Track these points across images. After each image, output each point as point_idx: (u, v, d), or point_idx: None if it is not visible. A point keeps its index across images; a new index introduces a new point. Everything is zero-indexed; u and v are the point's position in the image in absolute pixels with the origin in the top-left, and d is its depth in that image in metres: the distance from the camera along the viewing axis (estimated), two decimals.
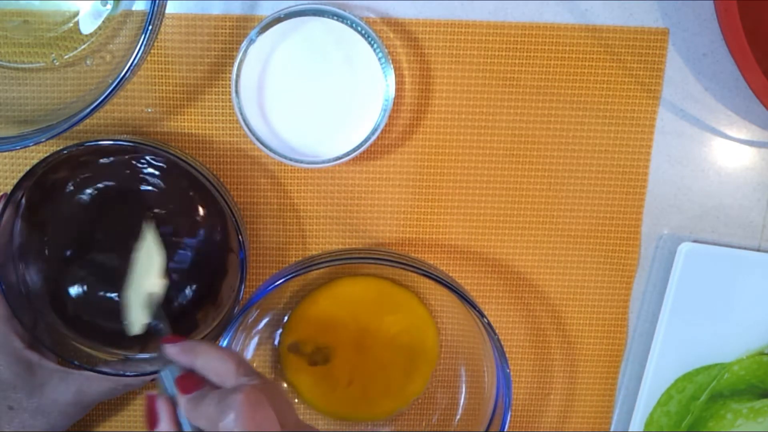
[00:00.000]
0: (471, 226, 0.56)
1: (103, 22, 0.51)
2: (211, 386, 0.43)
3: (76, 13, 0.51)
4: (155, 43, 0.52)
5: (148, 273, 0.49)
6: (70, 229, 0.52)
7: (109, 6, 0.51)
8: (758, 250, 0.57)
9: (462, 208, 0.56)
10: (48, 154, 0.48)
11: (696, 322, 0.56)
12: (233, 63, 0.49)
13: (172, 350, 0.45)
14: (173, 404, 0.44)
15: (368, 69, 0.50)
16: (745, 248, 0.56)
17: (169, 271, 0.50)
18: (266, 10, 0.52)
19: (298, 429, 0.44)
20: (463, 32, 0.53)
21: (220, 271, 0.53)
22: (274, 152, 0.50)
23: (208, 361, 0.44)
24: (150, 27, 0.45)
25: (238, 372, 0.43)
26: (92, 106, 0.45)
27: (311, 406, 0.57)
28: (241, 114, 0.50)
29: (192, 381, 0.43)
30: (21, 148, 0.48)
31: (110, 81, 0.45)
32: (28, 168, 0.48)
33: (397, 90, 0.53)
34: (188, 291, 0.53)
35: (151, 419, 0.44)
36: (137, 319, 0.48)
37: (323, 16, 0.49)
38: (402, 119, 0.54)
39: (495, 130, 0.55)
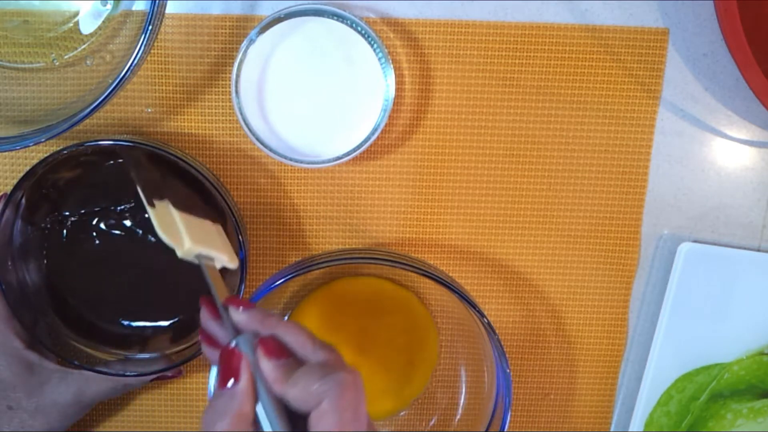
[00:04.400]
0: (471, 226, 0.56)
1: (103, 22, 0.51)
2: (295, 358, 0.40)
3: (76, 13, 0.51)
4: (155, 43, 0.52)
5: (229, 251, 0.47)
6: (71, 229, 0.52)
7: (109, 6, 0.51)
8: (758, 250, 0.57)
9: (462, 208, 0.56)
10: (48, 154, 0.48)
11: (696, 322, 0.56)
12: (233, 63, 0.49)
13: (240, 317, 0.41)
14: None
15: (368, 69, 0.50)
16: (745, 248, 0.56)
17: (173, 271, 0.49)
18: (266, 10, 0.52)
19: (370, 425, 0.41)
20: (463, 32, 0.53)
21: (220, 271, 0.53)
22: (274, 152, 0.50)
23: (284, 332, 0.40)
24: (150, 27, 0.45)
25: (315, 344, 0.40)
26: (92, 106, 0.45)
27: None
28: (241, 114, 0.50)
29: (277, 346, 0.39)
30: (21, 148, 0.48)
31: (110, 81, 0.45)
32: (28, 168, 0.48)
33: (397, 90, 0.53)
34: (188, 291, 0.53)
35: (228, 374, 0.39)
36: (187, 250, 0.45)
37: (323, 16, 0.49)
38: (402, 119, 0.54)
39: (495, 130, 0.55)
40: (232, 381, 0.39)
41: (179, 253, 0.45)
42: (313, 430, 0.38)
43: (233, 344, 0.40)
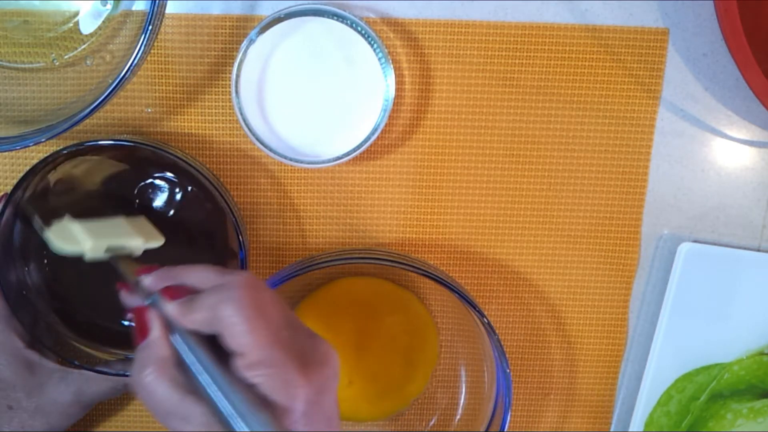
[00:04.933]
0: (471, 226, 0.56)
1: (103, 22, 0.51)
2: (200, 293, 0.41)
3: (76, 13, 0.51)
4: (155, 43, 0.52)
5: (137, 233, 0.48)
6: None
7: (109, 6, 0.51)
8: (758, 250, 0.57)
9: (462, 208, 0.56)
10: (48, 154, 0.48)
11: (696, 322, 0.56)
12: (233, 63, 0.49)
13: (149, 280, 0.42)
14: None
15: (368, 69, 0.50)
16: (745, 248, 0.56)
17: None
18: (266, 10, 0.52)
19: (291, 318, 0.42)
20: (463, 32, 0.53)
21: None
22: (274, 152, 0.50)
23: (188, 276, 0.42)
24: (150, 27, 0.45)
25: (218, 275, 0.41)
26: (92, 106, 0.45)
27: None
28: (241, 114, 0.50)
29: (177, 288, 0.41)
30: (21, 148, 0.48)
31: (110, 81, 0.45)
32: (28, 168, 0.48)
33: (397, 90, 0.53)
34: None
35: (141, 330, 0.41)
36: (83, 243, 0.45)
37: (323, 16, 0.49)
38: (402, 119, 0.54)
39: (495, 130, 0.55)
40: (147, 332, 0.41)
41: (87, 256, 0.46)
42: (229, 345, 0.38)
43: (144, 304, 0.42)
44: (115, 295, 0.53)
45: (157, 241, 0.49)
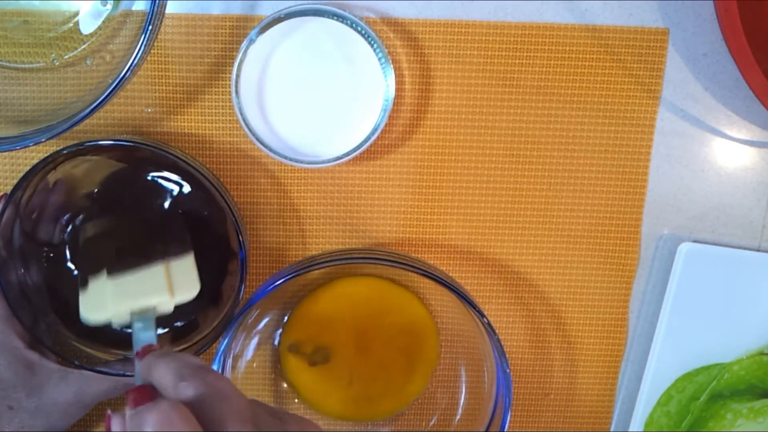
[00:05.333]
0: (471, 226, 0.56)
1: (103, 22, 0.51)
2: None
3: (76, 13, 0.51)
4: (155, 43, 0.52)
5: (172, 289, 0.47)
6: (70, 229, 0.52)
7: (109, 6, 0.51)
8: (758, 250, 0.57)
9: (462, 208, 0.56)
10: (48, 154, 0.48)
11: (696, 322, 0.56)
12: (233, 63, 0.49)
13: (138, 365, 0.42)
14: None
15: (368, 69, 0.50)
16: (745, 248, 0.56)
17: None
18: (266, 10, 0.52)
19: (258, 428, 0.39)
20: (463, 32, 0.53)
21: (221, 271, 0.53)
22: (274, 152, 0.50)
23: (158, 372, 0.40)
24: (150, 27, 0.45)
25: (175, 379, 0.38)
26: (92, 106, 0.45)
27: (311, 406, 0.57)
28: (241, 114, 0.50)
29: (140, 394, 0.39)
30: (21, 148, 0.48)
31: (110, 81, 0.45)
32: (28, 168, 0.48)
33: (397, 90, 0.53)
34: None
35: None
36: (106, 312, 0.46)
37: (323, 16, 0.49)
38: (402, 119, 0.54)
39: (495, 130, 0.55)
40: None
41: (113, 323, 0.46)
42: None
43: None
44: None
45: (190, 293, 0.47)
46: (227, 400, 0.38)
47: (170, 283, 0.47)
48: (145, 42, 0.44)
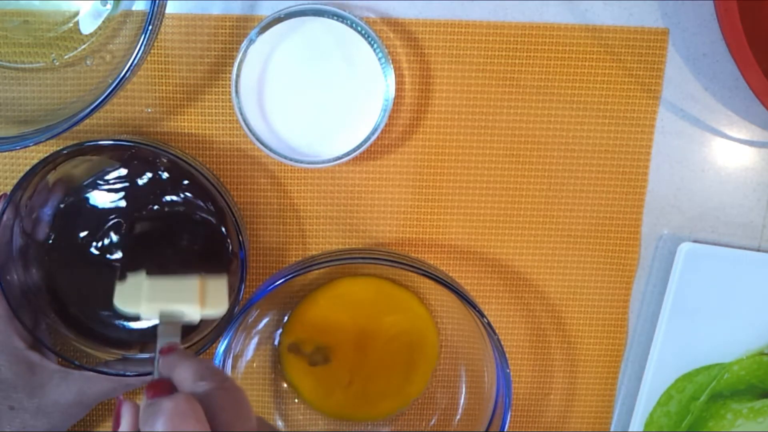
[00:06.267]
0: (471, 226, 0.56)
1: (103, 22, 0.51)
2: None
3: (76, 13, 0.51)
4: (155, 43, 0.52)
5: (203, 302, 0.48)
6: (71, 229, 0.52)
7: (109, 6, 0.51)
8: (758, 250, 0.57)
9: (462, 208, 0.56)
10: (48, 154, 0.48)
11: (696, 322, 0.56)
12: (233, 63, 0.49)
13: (160, 361, 0.43)
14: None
15: (368, 69, 0.50)
16: (745, 248, 0.56)
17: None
18: (266, 10, 0.52)
19: None
20: (463, 32, 0.53)
21: (221, 271, 0.53)
22: (274, 152, 0.50)
23: (180, 369, 0.42)
24: (150, 27, 0.45)
25: (195, 377, 0.41)
26: (92, 106, 0.45)
27: (311, 406, 0.57)
28: (241, 114, 0.50)
29: (159, 387, 0.41)
30: (21, 148, 0.48)
31: (110, 81, 0.45)
32: (28, 168, 0.48)
33: (397, 90, 0.53)
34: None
35: (115, 421, 0.42)
36: (139, 306, 0.47)
37: (323, 16, 0.49)
38: (402, 119, 0.54)
39: (495, 130, 0.55)
40: (117, 425, 0.41)
41: (142, 317, 0.47)
42: None
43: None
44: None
45: (219, 310, 0.49)
46: (239, 407, 0.40)
47: (202, 297, 0.48)
48: (145, 42, 0.44)
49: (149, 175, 0.52)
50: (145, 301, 0.48)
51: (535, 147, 0.55)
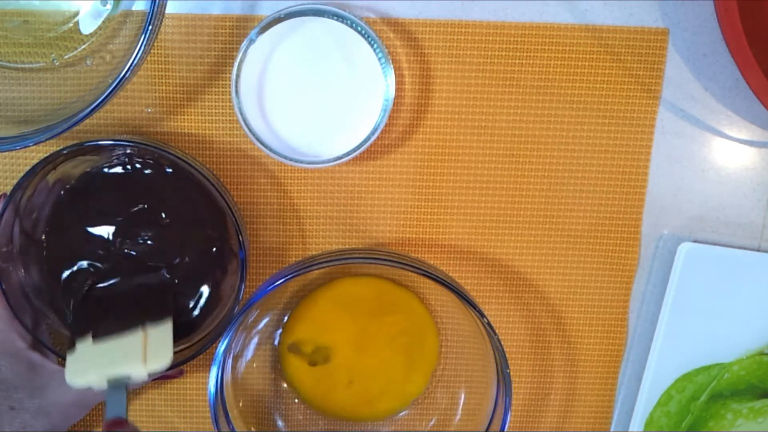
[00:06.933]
0: (471, 226, 0.56)
1: (103, 22, 0.51)
2: None
3: (76, 13, 0.51)
4: (155, 43, 0.52)
5: (146, 358, 0.47)
6: (71, 229, 0.52)
7: (109, 6, 0.51)
8: (758, 250, 0.57)
9: (462, 208, 0.56)
10: (48, 154, 0.48)
11: (696, 322, 0.56)
12: (233, 63, 0.49)
13: None
14: None
15: (368, 69, 0.50)
16: (745, 248, 0.56)
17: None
18: (266, 10, 0.52)
19: None
20: (463, 32, 0.53)
21: (221, 271, 0.53)
22: (274, 152, 0.50)
23: None
24: (150, 27, 0.45)
25: None
26: (92, 106, 0.45)
27: (311, 406, 0.57)
28: (241, 114, 0.50)
29: None
30: (21, 148, 0.48)
31: (110, 81, 0.45)
32: (28, 168, 0.48)
33: (397, 90, 0.53)
34: (188, 291, 0.53)
35: None
36: (88, 377, 0.46)
37: (323, 16, 0.49)
38: (402, 119, 0.54)
39: (495, 130, 0.55)
40: None
41: (94, 388, 0.46)
42: None
43: None
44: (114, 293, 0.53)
45: (162, 363, 0.47)
46: None
47: (145, 352, 0.47)
48: (145, 42, 0.44)
49: (150, 175, 0.52)
50: (92, 370, 0.46)
51: (535, 147, 0.55)
